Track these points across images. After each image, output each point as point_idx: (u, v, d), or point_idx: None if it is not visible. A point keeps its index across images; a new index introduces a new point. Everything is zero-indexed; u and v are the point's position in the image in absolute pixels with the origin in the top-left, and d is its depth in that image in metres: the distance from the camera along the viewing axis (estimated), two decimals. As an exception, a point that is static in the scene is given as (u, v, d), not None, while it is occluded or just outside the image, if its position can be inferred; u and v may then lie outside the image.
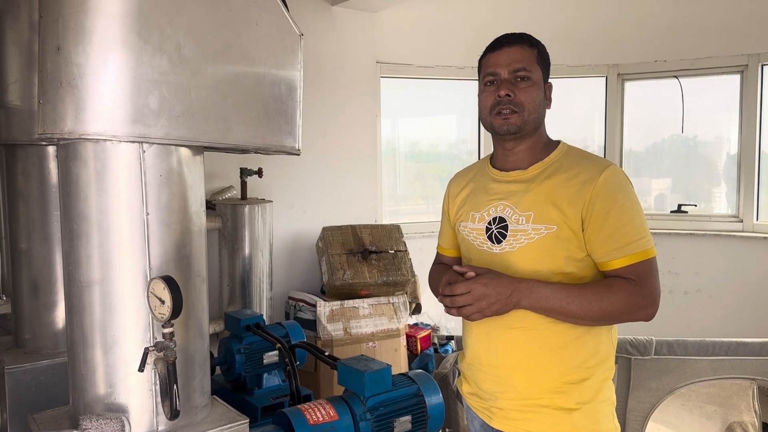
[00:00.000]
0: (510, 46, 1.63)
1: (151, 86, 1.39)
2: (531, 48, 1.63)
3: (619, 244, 1.50)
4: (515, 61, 1.61)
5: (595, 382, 1.57)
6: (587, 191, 1.52)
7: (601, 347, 1.59)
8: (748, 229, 4.30)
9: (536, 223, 1.56)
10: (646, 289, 1.49)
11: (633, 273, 1.50)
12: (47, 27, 1.41)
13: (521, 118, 1.60)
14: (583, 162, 1.60)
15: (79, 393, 1.49)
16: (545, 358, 1.57)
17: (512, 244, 1.59)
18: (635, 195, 1.56)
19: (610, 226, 1.50)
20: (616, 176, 1.54)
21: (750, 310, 4.17)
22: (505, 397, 1.62)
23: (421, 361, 3.71)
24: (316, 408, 1.79)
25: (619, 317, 1.51)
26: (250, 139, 1.59)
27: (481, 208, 1.70)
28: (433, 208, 5.02)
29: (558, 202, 1.55)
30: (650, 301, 1.50)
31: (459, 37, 4.58)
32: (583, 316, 1.49)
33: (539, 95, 1.62)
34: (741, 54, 4.25)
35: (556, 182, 1.58)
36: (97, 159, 1.41)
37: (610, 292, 1.48)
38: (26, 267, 2.17)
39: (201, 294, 1.59)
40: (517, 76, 1.60)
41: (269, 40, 1.62)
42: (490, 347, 1.64)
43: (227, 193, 3.63)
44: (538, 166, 1.64)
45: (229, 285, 3.38)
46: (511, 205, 1.62)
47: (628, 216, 1.51)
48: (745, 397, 2.94)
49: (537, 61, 1.62)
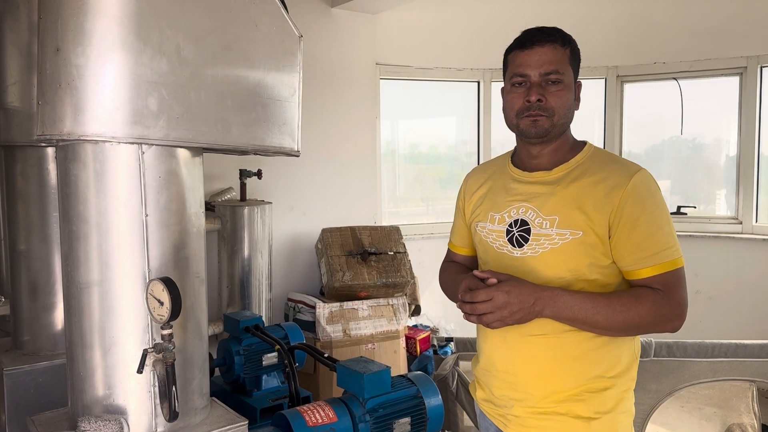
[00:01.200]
0: (542, 45, 1.52)
1: (151, 87, 1.39)
2: (564, 47, 1.53)
3: (648, 252, 1.44)
4: (547, 63, 1.51)
5: (616, 392, 1.51)
6: (616, 196, 1.45)
7: (623, 357, 1.53)
8: (747, 231, 4.30)
9: (561, 228, 1.49)
10: (674, 300, 1.43)
11: (661, 283, 1.44)
12: (46, 28, 1.41)
13: (550, 122, 1.52)
14: (611, 165, 1.52)
15: (78, 394, 1.49)
16: (564, 366, 1.50)
17: (535, 249, 1.52)
18: (664, 202, 1.49)
19: (638, 234, 1.44)
20: (646, 182, 1.48)
21: (749, 312, 4.17)
22: (522, 405, 1.55)
23: (420, 362, 3.71)
24: (315, 409, 1.78)
25: (646, 328, 1.45)
26: (250, 141, 1.59)
27: (501, 209, 1.62)
28: (433, 210, 5.02)
29: (584, 206, 1.48)
30: (678, 313, 1.44)
31: (458, 38, 4.59)
32: (608, 326, 1.43)
33: (570, 98, 1.54)
34: (740, 56, 4.26)
35: (583, 186, 1.50)
36: (96, 160, 1.41)
37: (637, 303, 1.42)
38: (25, 268, 2.16)
39: (200, 295, 1.59)
40: (549, 79, 1.51)
41: (269, 42, 1.62)
42: (506, 353, 1.58)
43: (227, 194, 3.63)
44: (563, 167, 1.56)
45: (229, 286, 3.37)
46: (534, 208, 1.54)
47: (658, 224, 1.45)
48: (745, 399, 2.93)
49: (569, 61, 1.53)
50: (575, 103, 1.58)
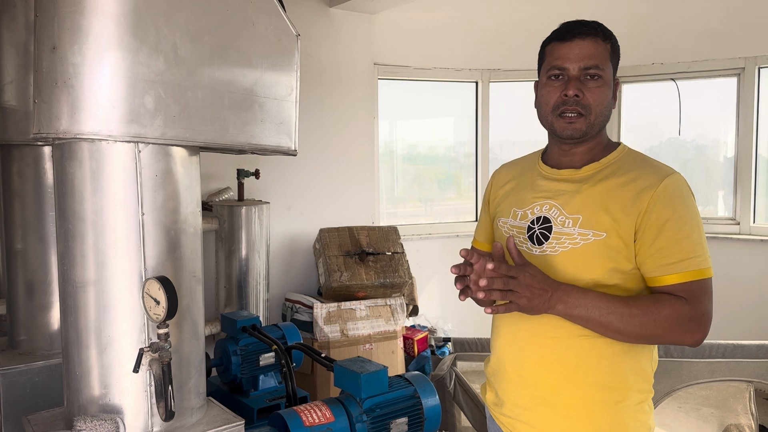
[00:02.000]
0: (583, 38, 1.45)
1: (147, 86, 1.39)
2: (605, 42, 1.46)
3: (673, 259, 1.36)
4: (588, 57, 1.44)
5: (630, 404, 1.44)
6: (645, 199, 1.38)
7: (641, 368, 1.46)
8: (745, 232, 4.31)
9: (584, 228, 1.42)
10: (698, 311, 1.34)
11: (685, 291, 1.35)
12: (43, 26, 1.40)
13: (587, 122, 1.46)
14: (642, 166, 1.46)
15: (74, 394, 1.48)
16: (577, 374, 1.43)
17: (554, 247, 1.45)
18: (696, 209, 1.42)
19: (664, 239, 1.36)
20: (678, 185, 1.40)
21: (747, 313, 4.17)
22: (532, 410, 1.49)
23: (418, 363, 3.71)
24: (312, 409, 1.78)
25: (663, 338, 1.36)
26: (247, 140, 1.59)
27: (524, 205, 1.56)
28: (431, 211, 5.02)
29: (610, 207, 1.41)
30: (700, 325, 1.35)
31: (457, 39, 4.59)
32: (623, 331, 1.35)
33: (608, 95, 1.47)
34: (738, 57, 4.26)
35: (611, 186, 1.44)
36: (92, 159, 1.41)
37: (655, 309, 1.34)
38: (22, 268, 2.16)
39: (196, 295, 1.58)
40: (588, 74, 1.44)
41: (266, 41, 1.62)
42: (517, 354, 1.52)
43: (224, 194, 3.62)
44: (593, 166, 1.50)
45: (226, 286, 3.37)
46: (558, 206, 1.48)
47: (686, 230, 1.37)
48: (742, 400, 2.94)
49: (610, 57, 1.47)
50: (612, 101, 1.50)
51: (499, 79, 4.73)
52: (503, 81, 4.74)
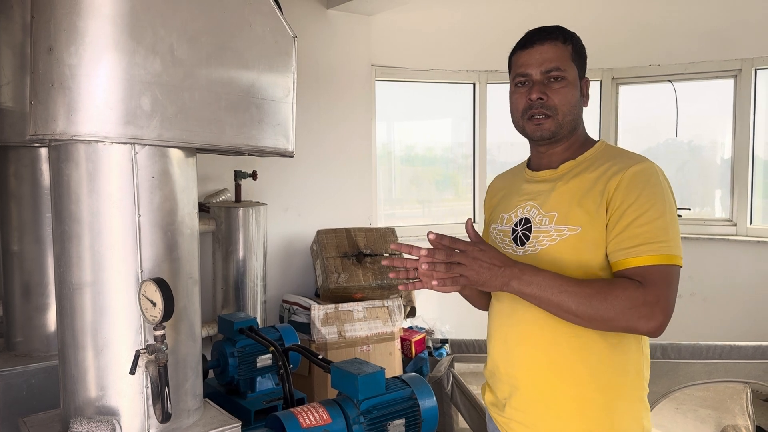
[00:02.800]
0: (542, 43, 1.50)
1: (144, 87, 1.39)
2: (565, 44, 1.50)
3: (632, 243, 1.35)
4: (547, 61, 1.48)
5: (621, 403, 1.45)
6: (612, 185, 1.40)
7: (629, 367, 1.46)
8: (741, 233, 4.31)
9: (559, 224, 1.45)
10: (651, 294, 1.30)
11: (640, 275, 1.33)
12: (39, 28, 1.40)
13: (555, 122, 1.49)
14: (616, 158, 1.47)
15: (70, 396, 1.48)
16: (564, 374, 1.45)
17: (534, 246, 1.48)
18: (667, 194, 1.41)
19: (625, 223, 1.36)
20: (646, 172, 1.41)
21: (744, 314, 4.18)
22: (525, 411, 1.51)
23: (415, 364, 3.71)
24: (309, 411, 1.78)
25: (616, 321, 1.31)
26: (244, 141, 1.59)
27: (510, 209, 1.60)
28: (429, 212, 5.02)
29: (583, 201, 1.43)
30: (653, 311, 1.30)
31: (454, 40, 4.59)
32: (576, 311, 1.32)
33: (574, 95, 1.50)
34: (734, 59, 4.27)
35: (584, 180, 1.46)
36: (89, 160, 1.41)
37: (608, 289, 1.31)
38: (18, 269, 2.15)
39: (193, 296, 1.58)
40: (550, 76, 1.48)
41: (263, 42, 1.62)
42: (507, 357, 1.55)
43: (221, 195, 3.62)
44: (569, 164, 1.53)
45: (223, 288, 3.36)
46: (537, 205, 1.52)
47: (650, 214, 1.36)
48: (739, 401, 2.94)
49: (572, 57, 1.50)
50: (582, 99, 1.54)
51: (497, 81, 4.73)
52: (501, 82, 4.75)
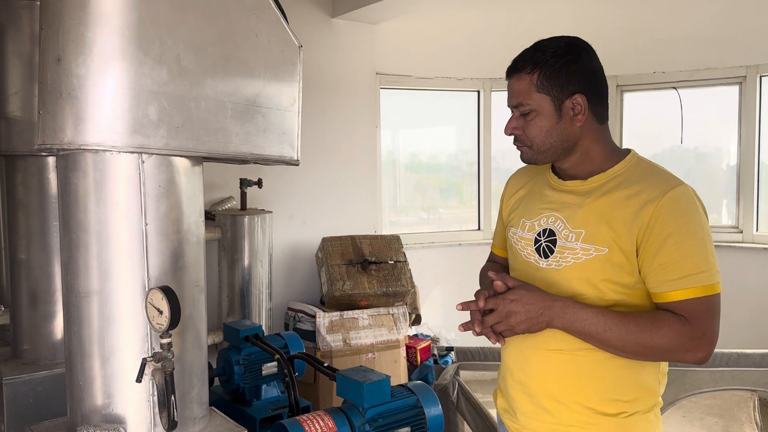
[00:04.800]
0: (510, 76, 1.50)
1: (151, 97, 1.40)
2: (531, 74, 1.45)
3: (675, 275, 1.33)
4: (513, 96, 1.50)
5: (634, 417, 1.44)
6: (647, 212, 1.36)
7: (645, 381, 1.45)
8: (748, 240, 4.30)
9: (585, 243, 1.41)
10: (698, 329, 1.31)
11: (686, 310, 1.33)
12: (48, 38, 1.42)
13: (533, 151, 1.49)
14: (649, 178, 1.42)
15: (77, 404, 1.49)
16: (579, 385, 1.44)
17: (558, 262, 1.46)
18: (704, 222, 1.38)
19: (666, 255, 1.34)
20: (684, 198, 1.37)
21: (751, 321, 4.16)
22: (536, 419, 1.51)
23: (420, 372, 3.70)
24: (314, 419, 1.78)
25: (662, 355, 1.36)
26: (249, 150, 1.60)
27: (532, 216, 1.56)
28: (433, 219, 5.02)
29: (613, 222, 1.39)
30: (700, 344, 1.32)
31: (458, 48, 4.61)
32: (621, 347, 1.35)
33: (546, 123, 1.45)
34: (739, 65, 4.27)
35: (615, 199, 1.41)
36: (96, 169, 1.41)
37: (654, 327, 1.32)
38: (25, 277, 2.17)
39: (199, 304, 1.59)
40: (519, 111, 1.48)
41: (268, 52, 1.63)
42: (522, 365, 1.54)
43: (227, 203, 3.63)
44: (598, 178, 1.47)
45: (229, 296, 3.37)
46: (563, 219, 1.48)
47: (689, 244, 1.34)
48: (746, 409, 2.92)
49: (537, 86, 1.45)
50: (567, 121, 1.46)
51: (501, 89, 4.74)
52: (505, 90, 4.75)
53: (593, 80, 1.48)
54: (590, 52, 1.52)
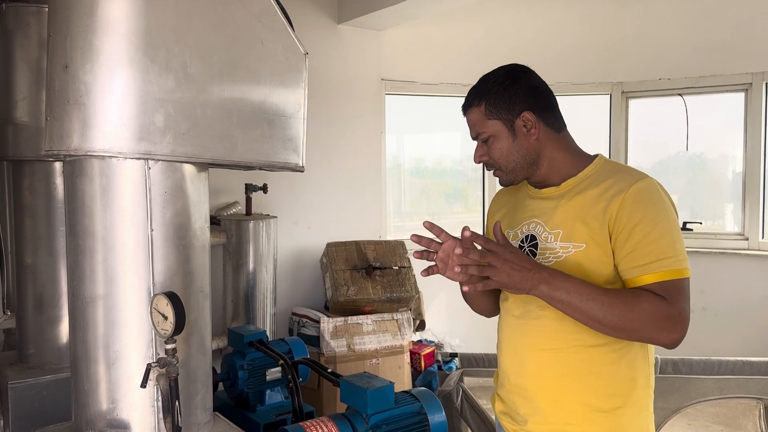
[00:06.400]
0: (465, 112, 1.67)
1: (158, 104, 1.41)
2: (479, 105, 1.61)
3: (644, 261, 1.41)
4: (471, 128, 1.65)
5: (629, 411, 1.49)
6: (615, 205, 1.44)
7: (637, 375, 1.51)
8: (753, 247, 4.28)
9: (564, 241, 1.50)
10: (675, 309, 1.37)
11: (661, 291, 1.39)
12: (56, 45, 1.43)
13: (504, 173, 1.62)
14: (616, 175, 1.51)
15: (82, 408, 1.49)
16: (574, 383, 1.50)
17: (541, 263, 1.51)
18: (670, 210, 1.46)
19: (634, 242, 1.41)
20: (650, 189, 1.46)
21: (756, 329, 4.14)
22: (534, 420, 1.56)
23: (424, 378, 3.69)
24: (318, 425, 1.78)
25: (641, 331, 1.39)
26: (255, 156, 1.61)
27: (515, 225, 1.66)
28: (438, 224, 5.01)
29: (587, 219, 1.48)
30: (677, 324, 1.37)
31: (463, 54, 4.62)
32: (602, 320, 1.38)
33: (505, 143, 1.58)
34: (745, 72, 4.26)
35: (587, 198, 1.51)
36: (102, 175, 1.43)
37: (635, 300, 1.38)
38: (31, 282, 2.18)
39: (204, 310, 1.59)
40: (480, 139, 1.63)
41: (274, 59, 1.64)
42: (518, 368, 1.60)
43: (232, 208, 3.64)
44: (571, 181, 1.57)
45: (233, 300, 3.38)
46: (542, 223, 1.57)
47: (657, 231, 1.41)
48: (752, 417, 2.91)
49: (487, 115, 1.59)
50: (526, 138, 1.57)
51: (506, 94, 4.74)
52: (510, 96, 4.75)
53: (536, 96, 1.59)
54: (528, 73, 1.63)
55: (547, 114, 1.59)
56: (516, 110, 1.57)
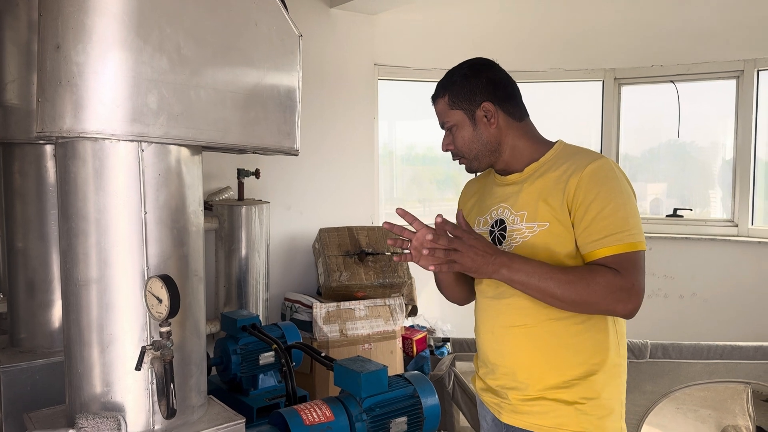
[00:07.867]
0: (433, 103, 1.73)
1: (151, 85, 1.40)
2: (443, 97, 1.68)
3: (598, 236, 1.48)
4: (438, 117, 1.71)
5: (601, 377, 1.57)
6: (572, 184, 1.52)
7: (606, 343, 1.58)
8: (743, 234, 4.32)
9: (529, 222, 1.59)
10: (628, 281, 1.45)
11: (615, 263, 1.46)
12: (47, 25, 1.41)
13: (468, 161, 1.70)
14: (574, 156, 1.60)
15: (76, 392, 1.49)
16: (547, 355, 1.58)
17: (510, 245, 1.61)
18: (625, 187, 1.54)
19: (590, 218, 1.49)
20: (604, 168, 1.53)
21: (745, 314, 4.19)
22: (513, 393, 1.64)
23: (416, 363, 3.72)
24: (312, 408, 1.79)
25: (598, 304, 1.47)
26: (249, 139, 1.60)
27: (484, 212, 1.74)
28: (429, 211, 5.02)
29: (549, 199, 1.56)
30: (631, 295, 1.45)
31: (457, 40, 4.60)
32: (560, 296, 1.47)
33: (467, 132, 1.66)
34: (737, 59, 4.28)
35: (548, 180, 1.59)
36: (95, 157, 1.41)
37: (590, 276, 1.45)
38: (22, 266, 2.16)
39: (198, 293, 1.59)
40: (446, 128, 1.70)
41: (268, 41, 1.63)
42: (495, 346, 1.67)
43: (224, 193, 3.63)
44: (533, 166, 1.66)
45: (226, 286, 3.38)
46: (509, 207, 1.66)
47: (611, 207, 1.49)
48: (740, 401, 2.95)
49: (450, 106, 1.67)
50: (487, 127, 1.65)
51: (499, 81, 4.73)
52: (503, 82, 4.75)
53: (497, 87, 1.67)
54: (490, 65, 1.71)
55: (508, 104, 1.67)
56: (477, 101, 1.65)
